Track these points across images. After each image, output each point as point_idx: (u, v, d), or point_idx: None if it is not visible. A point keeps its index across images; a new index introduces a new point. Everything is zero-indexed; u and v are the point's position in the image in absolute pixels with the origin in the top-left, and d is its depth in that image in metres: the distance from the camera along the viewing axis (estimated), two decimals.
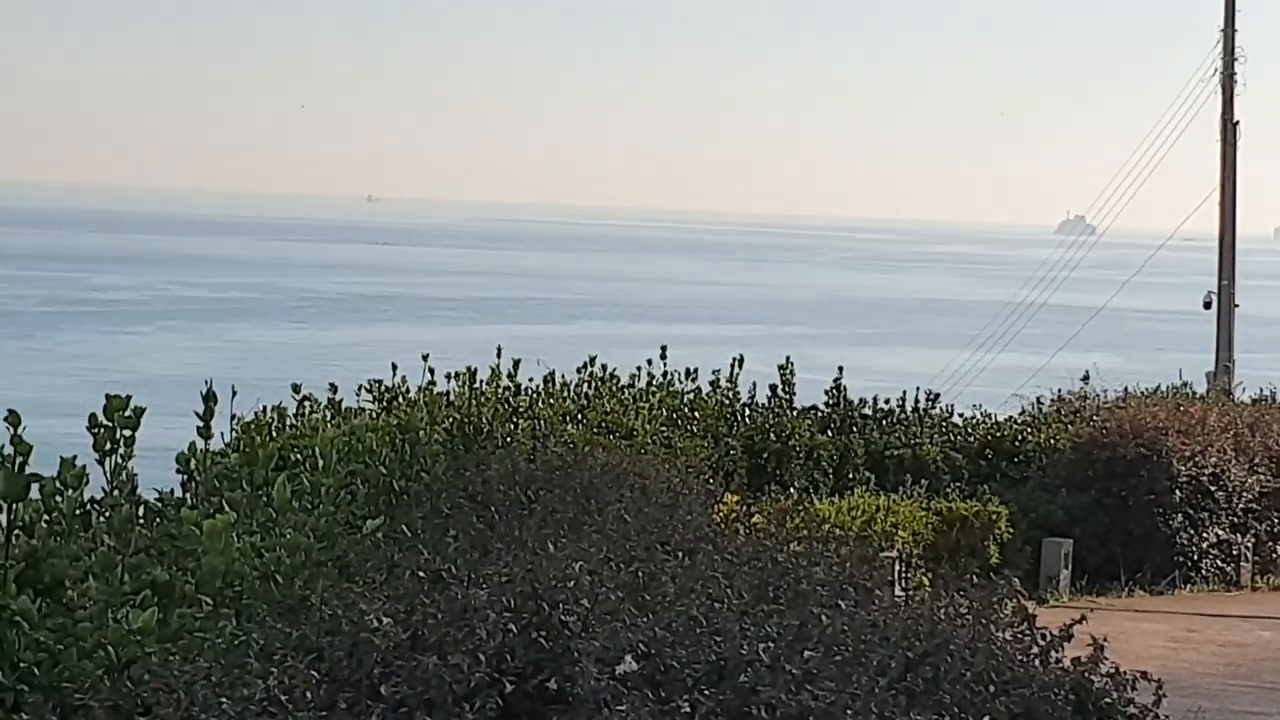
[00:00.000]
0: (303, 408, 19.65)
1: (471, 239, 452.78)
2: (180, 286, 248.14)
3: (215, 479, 11.90)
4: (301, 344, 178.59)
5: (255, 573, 8.53)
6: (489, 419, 19.96)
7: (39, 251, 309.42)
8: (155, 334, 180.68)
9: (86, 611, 7.69)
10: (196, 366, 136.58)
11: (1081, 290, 58.25)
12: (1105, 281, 58.12)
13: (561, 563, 7.75)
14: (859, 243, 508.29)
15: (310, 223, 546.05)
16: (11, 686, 6.72)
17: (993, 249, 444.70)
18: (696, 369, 25.96)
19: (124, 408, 9.87)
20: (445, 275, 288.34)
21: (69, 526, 9.30)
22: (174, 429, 13.11)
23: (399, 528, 10.85)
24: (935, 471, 25.31)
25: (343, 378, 22.11)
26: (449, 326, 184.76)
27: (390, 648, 6.65)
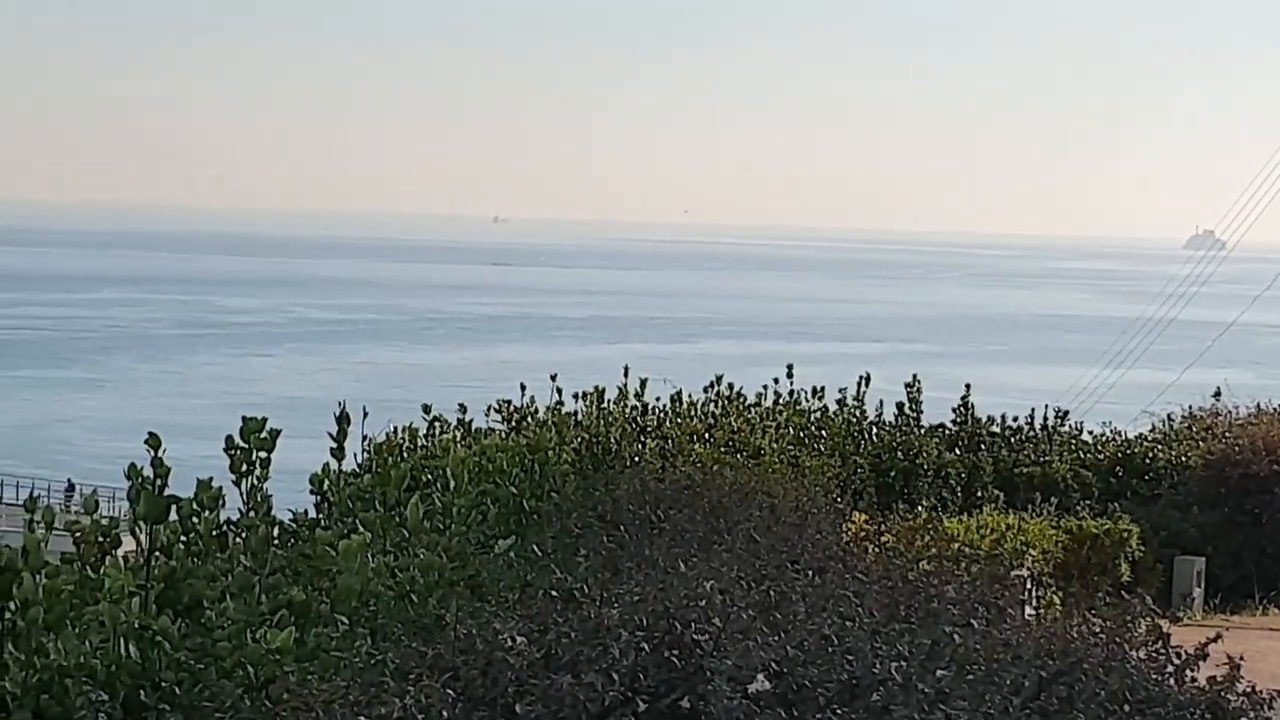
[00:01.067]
0: (433, 428, 19.81)
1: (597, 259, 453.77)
2: (310, 308, 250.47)
3: (349, 500, 12.02)
4: (430, 365, 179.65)
5: (390, 592, 8.60)
6: (617, 439, 20.03)
7: (170, 275, 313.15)
8: (285, 356, 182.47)
9: (225, 631, 7.79)
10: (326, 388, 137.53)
11: (1211, 305, 57.60)
12: (1236, 296, 57.44)
13: (693, 582, 7.77)
14: (985, 259, 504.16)
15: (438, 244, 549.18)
16: (154, 706, 6.83)
17: (1120, 264, 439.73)
18: (823, 387, 25.90)
19: (260, 430, 9.99)
20: (570, 295, 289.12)
21: (206, 548, 9.42)
22: (305, 450, 13.26)
23: (530, 547, 10.91)
24: (1065, 489, 25.11)
25: (471, 398, 22.26)
26: (575, 346, 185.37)
27: (524, 667, 6.69)
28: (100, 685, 6.93)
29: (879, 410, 26.12)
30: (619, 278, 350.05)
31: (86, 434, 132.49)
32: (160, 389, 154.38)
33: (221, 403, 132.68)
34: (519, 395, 22.42)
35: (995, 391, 48.67)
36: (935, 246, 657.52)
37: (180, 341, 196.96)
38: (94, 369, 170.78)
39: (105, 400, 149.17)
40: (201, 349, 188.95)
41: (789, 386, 25.32)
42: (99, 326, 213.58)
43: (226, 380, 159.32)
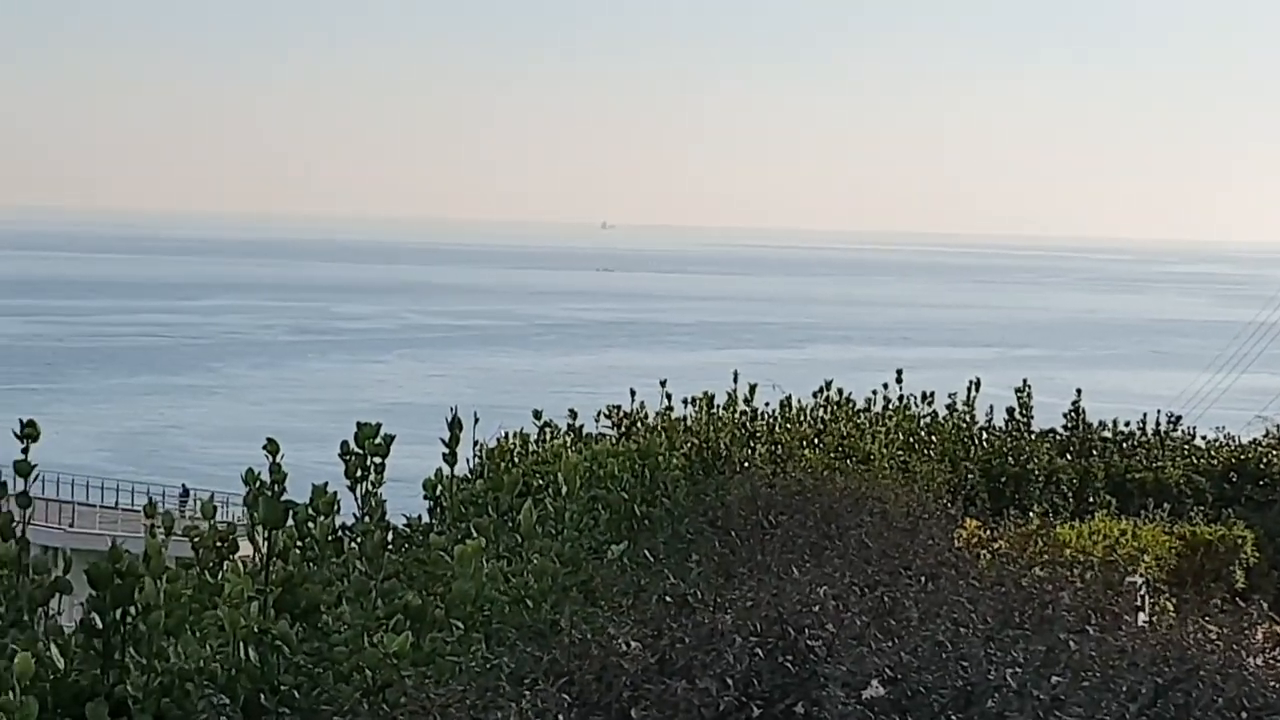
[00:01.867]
0: (544, 434, 19.90)
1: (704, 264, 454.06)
2: (421, 315, 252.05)
3: (462, 505, 12.11)
4: (538, 370, 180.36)
5: (505, 597, 8.66)
6: (727, 444, 20.04)
7: (284, 282, 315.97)
8: (397, 362, 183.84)
9: (341, 636, 7.86)
10: (436, 394, 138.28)
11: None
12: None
13: (806, 587, 7.78)
14: (1095, 263, 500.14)
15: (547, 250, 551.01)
16: (273, 709, 6.91)
17: (1234, 268, 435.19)
18: (933, 392, 25.80)
19: (374, 435, 10.08)
20: (678, 301, 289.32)
21: (322, 552, 9.52)
22: (415, 456, 13.37)
23: (642, 553, 10.94)
24: (1178, 495, 24.91)
25: (580, 403, 22.36)
26: (683, 352, 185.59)
27: (639, 671, 6.72)
28: (220, 689, 7.02)
29: (989, 415, 26.00)
30: (727, 283, 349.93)
31: (200, 440, 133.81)
32: (273, 395, 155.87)
33: (333, 409, 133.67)
34: (629, 400, 22.49)
35: (1106, 397, 48.33)
36: (1045, 251, 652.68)
37: (293, 348, 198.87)
38: (208, 376, 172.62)
39: (219, 406, 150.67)
40: (314, 355, 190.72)
41: (898, 391, 25.24)
42: (214, 333, 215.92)
43: (338, 386, 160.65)
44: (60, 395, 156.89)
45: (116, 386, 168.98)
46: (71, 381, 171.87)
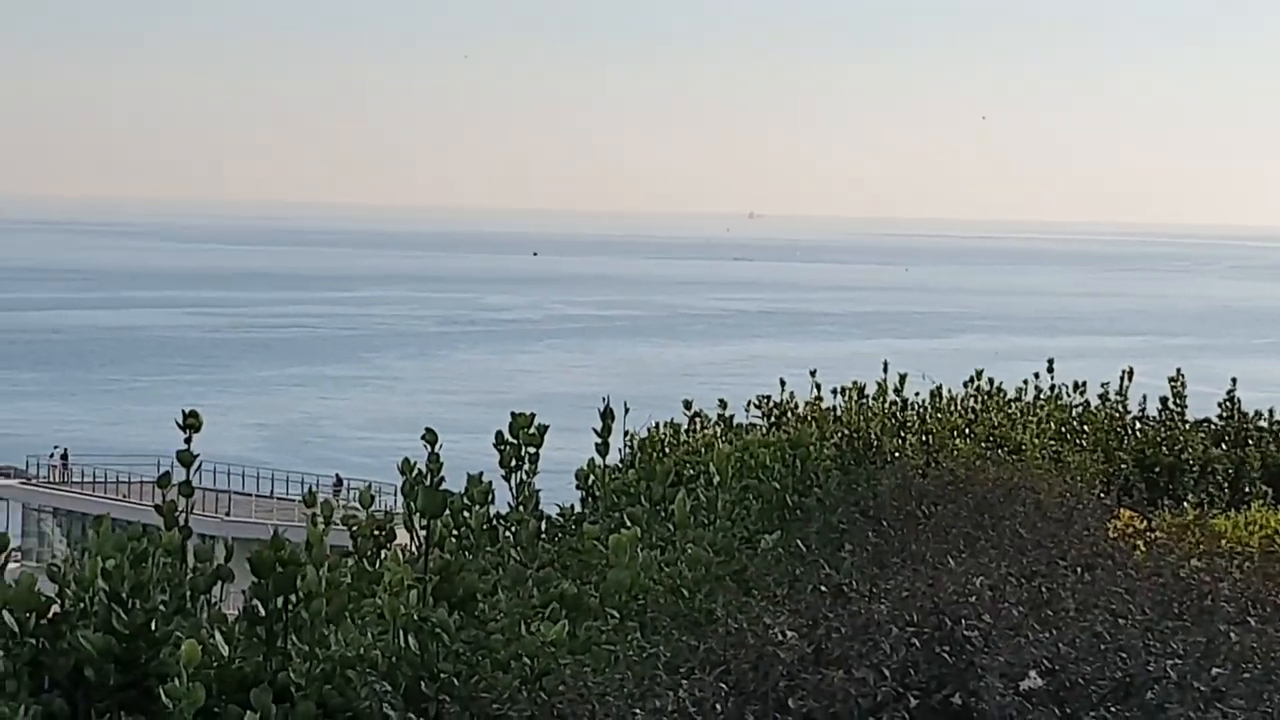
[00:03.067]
0: (694, 424, 19.92)
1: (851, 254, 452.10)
2: (568, 305, 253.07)
3: (614, 495, 12.16)
4: (686, 360, 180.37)
5: (659, 587, 8.69)
6: (878, 434, 19.96)
7: (434, 273, 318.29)
8: (544, 352, 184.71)
9: (498, 624, 7.92)
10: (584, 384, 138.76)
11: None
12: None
13: (961, 578, 7.74)
14: (1252, 250, 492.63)
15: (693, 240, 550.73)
16: (433, 696, 6.98)
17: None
18: (1084, 382, 25.53)
19: (528, 425, 10.14)
20: (824, 291, 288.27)
21: (477, 541, 9.60)
22: (564, 447, 13.44)
23: (794, 542, 10.93)
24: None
25: (728, 393, 22.37)
26: (829, 342, 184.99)
27: (795, 661, 6.73)
28: (382, 676, 7.10)
29: (1142, 405, 25.69)
30: (874, 272, 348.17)
31: (352, 430, 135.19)
32: (423, 385, 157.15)
33: (482, 399, 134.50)
34: (778, 390, 22.45)
35: (1262, 386, 47.62)
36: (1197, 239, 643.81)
37: (442, 339, 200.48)
38: (360, 366, 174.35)
39: (370, 397, 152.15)
40: (463, 346, 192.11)
41: (1049, 381, 24.99)
42: (364, 324, 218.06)
43: (486, 377, 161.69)
44: (217, 386, 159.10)
45: (271, 377, 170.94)
46: (228, 372, 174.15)
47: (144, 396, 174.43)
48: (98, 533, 7.73)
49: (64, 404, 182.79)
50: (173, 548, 8.07)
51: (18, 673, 7.17)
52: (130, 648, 7.30)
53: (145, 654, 7.31)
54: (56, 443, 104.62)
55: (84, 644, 7.21)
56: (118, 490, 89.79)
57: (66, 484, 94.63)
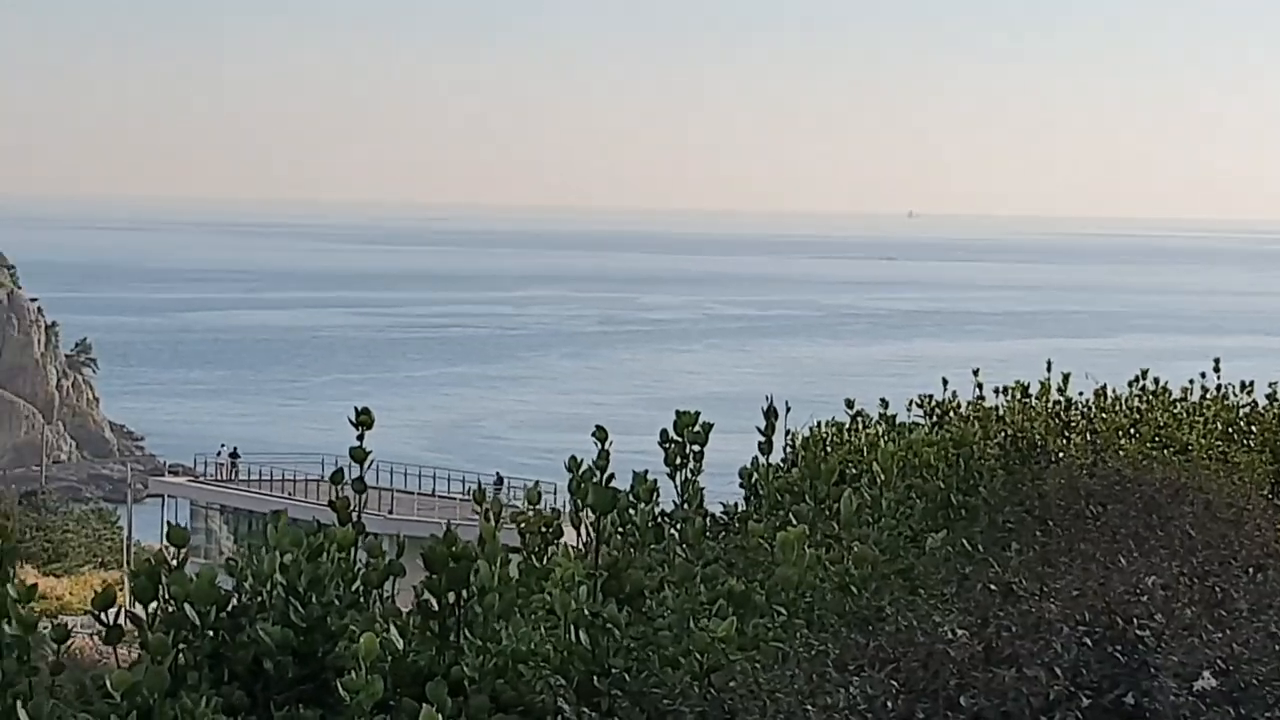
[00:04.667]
0: (855, 422, 19.85)
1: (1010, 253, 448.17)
2: (726, 305, 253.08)
3: (778, 493, 12.18)
4: (844, 359, 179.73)
5: (827, 584, 8.71)
6: (1041, 433, 19.80)
7: (593, 274, 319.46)
8: (703, 352, 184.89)
9: (666, 620, 7.98)
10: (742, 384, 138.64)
11: None
12: None
13: (1132, 577, 7.69)
14: None
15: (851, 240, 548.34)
16: (605, 691, 7.04)
17: None
18: (1251, 382, 25.18)
19: (693, 423, 10.20)
20: (985, 290, 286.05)
21: (643, 538, 9.67)
22: (724, 446, 13.49)
23: (959, 541, 10.90)
24: None
25: (887, 392, 22.30)
26: (989, 341, 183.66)
27: (966, 659, 6.72)
28: (554, 670, 7.18)
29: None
30: (1033, 272, 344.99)
31: (512, 428, 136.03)
32: (582, 385, 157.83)
33: (641, 398, 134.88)
34: (940, 389, 22.35)
35: None
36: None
37: (602, 338, 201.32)
38: (520, 366, 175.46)
39: (530, 396, 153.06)
40: (622, 345, 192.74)
41: (1216, 380, 24.66)
42: (526, 324, 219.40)
43: (645, 376, 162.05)
44: (380, 385, 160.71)
45: (432, 376, 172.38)
46: (391, 371, 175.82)
47: (309, 395, 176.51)
48: (275, 528, 7.87)
49: (232, 402, 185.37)
50: (346, 543, 8.20)
51: (198, 665, 7.32)
52: (307, 641, 7.44)
53: (322, 647, 7.44)
54: (224, 441, 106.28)
55: (263, 637, 7.35)
56: (283, 488, 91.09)
57: (233, 481, 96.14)
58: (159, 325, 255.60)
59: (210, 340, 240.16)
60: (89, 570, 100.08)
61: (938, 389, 22.42)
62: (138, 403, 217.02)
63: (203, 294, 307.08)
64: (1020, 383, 22.13)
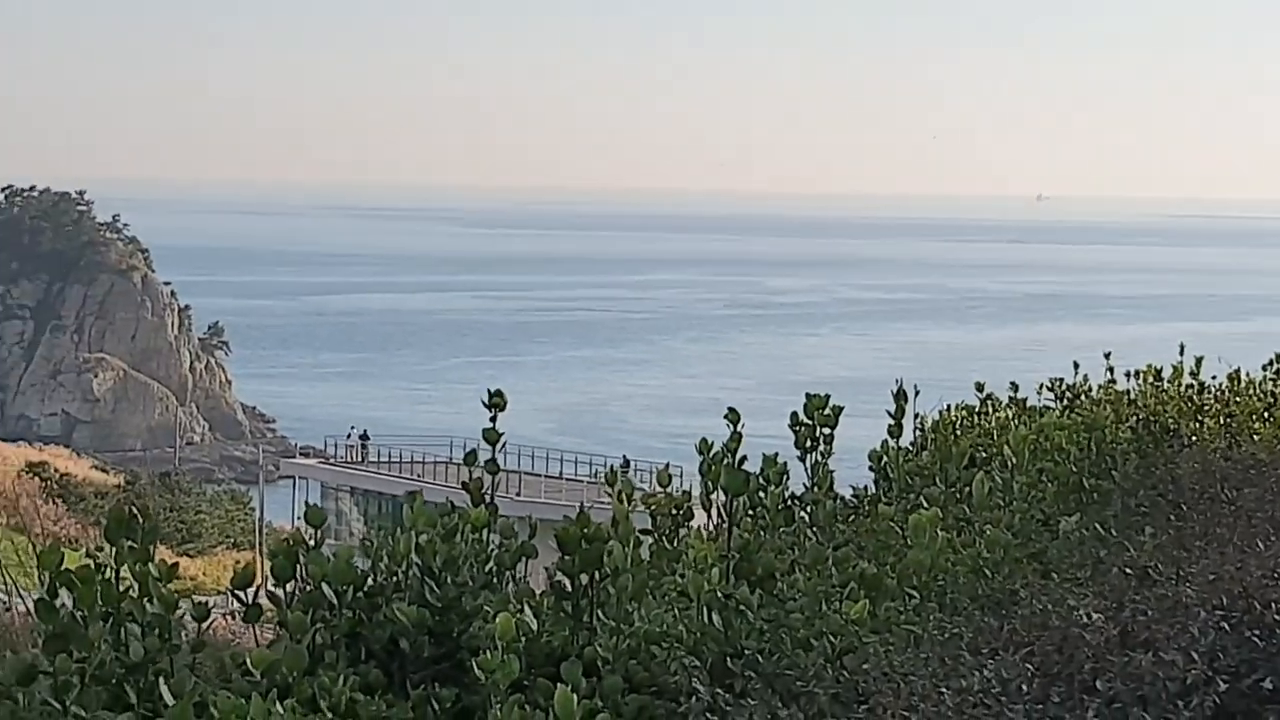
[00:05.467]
0: (985, 406, 19.74)
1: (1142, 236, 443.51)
2: (852, 289, 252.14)
3: (908, 476, 12.16)
4: (972, 343, 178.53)
5: (959, 568, 8.69)
6: (1174, 417, 19.61)
7: (720, 257, 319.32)
8: (830, 336, 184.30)
9: (797, 603, 7.99)
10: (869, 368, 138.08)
11: None
12: None
13: (1269, 561, 7.62)
14: None
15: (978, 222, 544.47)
16: (738, 672, 7.07)
17: None
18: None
19: (823, 406, 10.20)
20: (1115, 274, 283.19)
21: (773, 521, 9.68)
22: (853, 429, 13.47)
23: (1092, 525, 10.83)
24: None
25: (1016, 375, 22.17)
26: (1118, 325, 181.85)
27: (1101, 644, 6.69)
28: (688, 651, 7.21)
29: None
30: (1166, 255, 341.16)
31: (638, 411, 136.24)
32: (708, 368, 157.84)
33: (766, 381, 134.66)
34: (1068, 373, 22.19)
35: None
36: None
37: (728, 321, 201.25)
38: (646, 349, 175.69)
39: (656, 379, 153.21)
40: (749, 329, 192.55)
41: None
42: (652, 308, 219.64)
43: (771, 359, 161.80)
44: (507, 368, 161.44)
45: (559, 359, 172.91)
46: (518, 354, 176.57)
47: (438, 379, 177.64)
48: (411, 508, 7.95)
49: (362, 385, 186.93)
50: (480, 524, 8.28)
51: (336, 644, 7.41)
52: (443, 620, 7.50)
53: (457, 627, 7.50)
54: (354, 423, 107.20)
55: (399, 616, 7.42)
56: (412, 470, 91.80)
57: (363, 463, 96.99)
58: (290, 309, 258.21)
59: (341, 323, 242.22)
60: (221, 551, 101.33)
61: (1066, 372, 22.27)
62: (269, 385, 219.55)
63: (334, 277, 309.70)
64: (1152, 366, 21.93)
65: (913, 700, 6.35)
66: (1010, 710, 6.26)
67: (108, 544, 7.19)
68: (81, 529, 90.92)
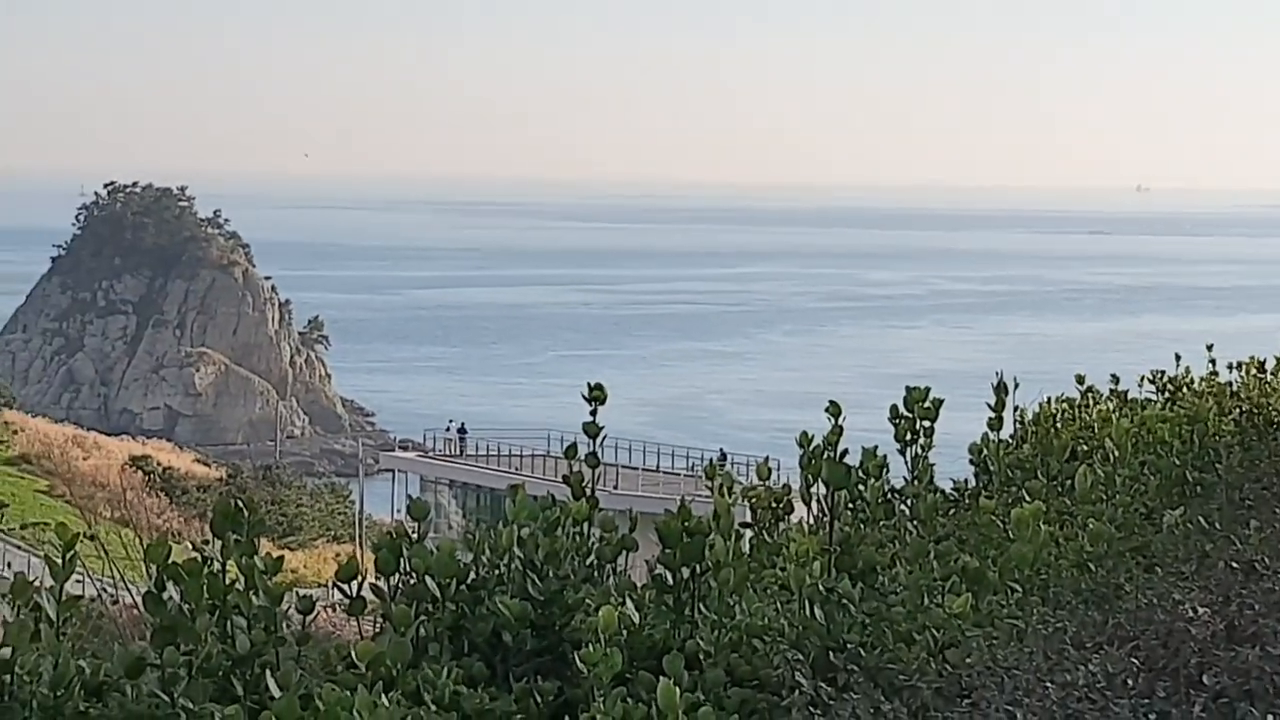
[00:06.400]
0: (1086, 399, 19.60)
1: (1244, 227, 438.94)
2: (949, 281, 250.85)
3: (1009, 469, 12.09)
4: (1070, 335, 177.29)
5: (1063, 561, 8.64)
6: (1279, 409, 19.40)
7: (820, 250, 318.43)
8: (928, 328, 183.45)
9: (899, 596, 7.97)
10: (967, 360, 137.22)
11: None
12: None
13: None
14: None
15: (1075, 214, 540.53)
16: (841, 666, 7.06)
17: None
18: None
19: (923, 399, 10.17)
20: (1216, 265, 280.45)
21: (873, 514, 9.66)
22: (951, 422, 13.41)
23: (1197, 518, 10.74)
24: None
25: (1116, 368, 21.99)
26: (1219, 316, 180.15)
27: (1208, 638, 6.64)
28: (790, 645, 7.21)
29: None
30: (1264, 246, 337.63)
31: (734, 405, 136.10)
32: (804, 361, 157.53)
33: (864, 374, 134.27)
34: (1170, 365, 22.01)
35: None
36: None
37: (825, 314, 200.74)
38: (744, 342, 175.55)
39: (752, 372, 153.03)
40: (845, 321, 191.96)
41: None
42: (750, 300, 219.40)
43: (868, 352, 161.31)
44: (603, 361, 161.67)
45: (655, 353, 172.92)
46: (613, 348, 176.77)
47: (535, 372, 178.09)
48: (513, 501, 7.98)
49: (458, 379, 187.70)
50: (581, 517, 8.30)
51: (439, 636, 7.45)
52: (545, 613, 7.53)
53: (559, 620, 7.53)
54: (452, 417, 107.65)
55: (501, 609, 7.45)
56: (509, 463, 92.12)
57: (461, 456, 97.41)
58: (388, 303, 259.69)
59: (439, 318, 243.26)
60: (321, 544, 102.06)
61: (1167, 364, 22.07)
62: (368, 379, 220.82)
63: (431, 272, 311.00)
64: (1255, 358, 21.71)
65: (1017, 695, 6.33)
66: (1116, 705, 6.22)
67: (213, 537, 7.25)
68: (184, 522, 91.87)
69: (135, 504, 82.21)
